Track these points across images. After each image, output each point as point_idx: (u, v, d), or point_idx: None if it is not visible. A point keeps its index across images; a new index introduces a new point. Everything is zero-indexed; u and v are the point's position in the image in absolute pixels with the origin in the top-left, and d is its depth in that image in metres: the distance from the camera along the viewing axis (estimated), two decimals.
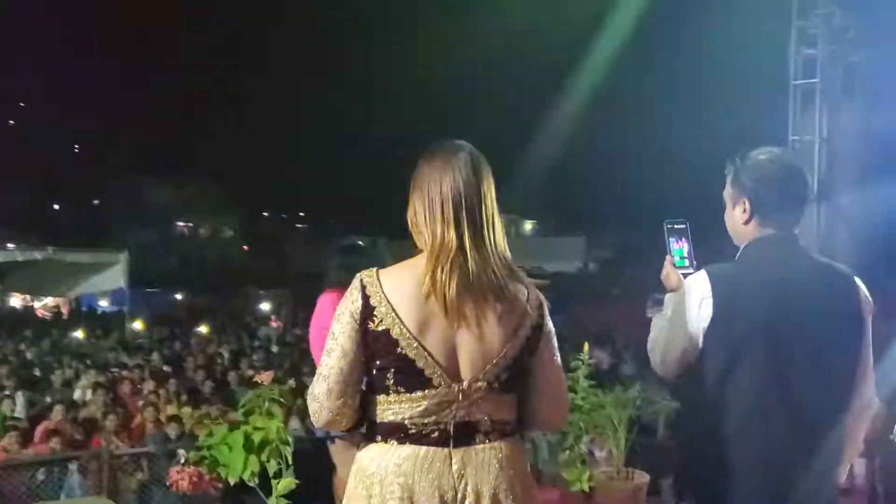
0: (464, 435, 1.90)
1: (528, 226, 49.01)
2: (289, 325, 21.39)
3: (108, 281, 15.83)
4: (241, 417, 3.95)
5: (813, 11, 9.04)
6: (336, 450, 4.27)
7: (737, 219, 2.33)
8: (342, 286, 4.35)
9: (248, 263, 42.92)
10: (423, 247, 1.96)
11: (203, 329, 18.35)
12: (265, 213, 59.55)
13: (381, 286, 1.91)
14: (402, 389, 1.89)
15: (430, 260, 1.90)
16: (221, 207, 50.90)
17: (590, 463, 4.90)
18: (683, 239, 2.44)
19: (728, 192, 2.38)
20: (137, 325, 18.01)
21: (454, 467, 1.88)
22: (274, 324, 21.86)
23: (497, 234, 1.95)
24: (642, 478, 4.64)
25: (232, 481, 3.81)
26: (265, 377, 4.03)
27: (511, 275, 1.95)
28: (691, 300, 2.22)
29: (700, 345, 2.23)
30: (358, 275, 1.97)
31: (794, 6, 9.05)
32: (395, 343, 1.87)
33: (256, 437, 3.86)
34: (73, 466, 7.33)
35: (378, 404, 1.93)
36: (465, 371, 1.90)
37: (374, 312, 1.89)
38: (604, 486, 4.63)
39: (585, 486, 4.78)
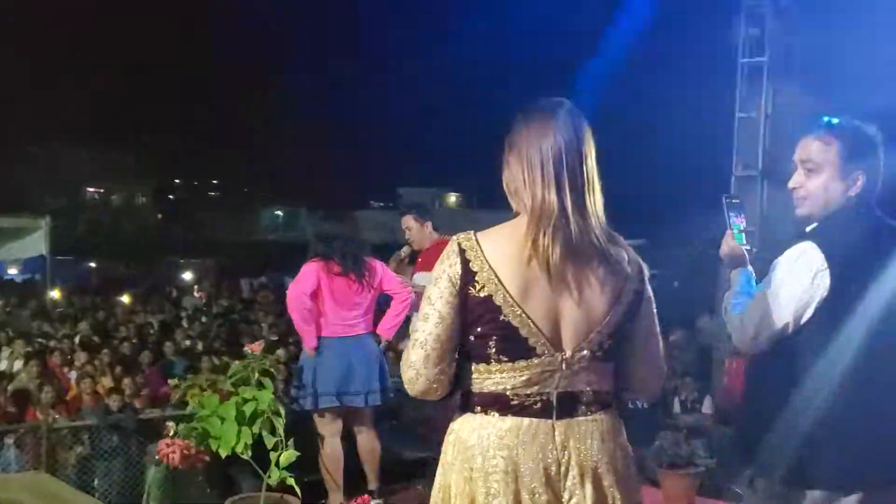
0: (566, 406, 1.85)
1: (452, 198, 49.09)
2: (213, 295, 20.83)
3: (27, 248, 14.98)
4: (230, 387, 3.80)
5: None
6: (323, 422, 4.17)
7: (839, 190, 2.28)
8: (322, 257, 4.20)
9: (163, 232, 41.61)
10: (521, 210, 1.88)
11: (125, 299, 17.66)
12: (177, 181, 57.67)
13: (481, 250, 1.82)
14: (505, 358, 1.82)
15: (531, 223, 1.82)
16: (133, 175, 49.06)
17: None
18: (742, 214, 2.42)
19: (832, 161, 2.31)
20: (55, 293, 17.19)
21: (557, 439, 1.82)
22: (197, 294, 21.24)
23: (597, 197, 1.87)
24: None
25: (224, 454, 3.66)
26: (256, 347, 3.88)
27: (611, 238, 1.88)
28: (802, 273, 2.18)
29: (805, 319, 2.19)
30: (454, 238, 1.87)
31: None
32: (499, 310, 1.79)
33: (248, 409, 3.71)
34: (9, 440, 6.97)
35: (477, 373, 1.85)
36: (568, 339, 1.83)
37: (476, 278, 1.81)
38: None
39: None
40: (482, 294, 1.80)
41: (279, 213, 49.65)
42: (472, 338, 1.84)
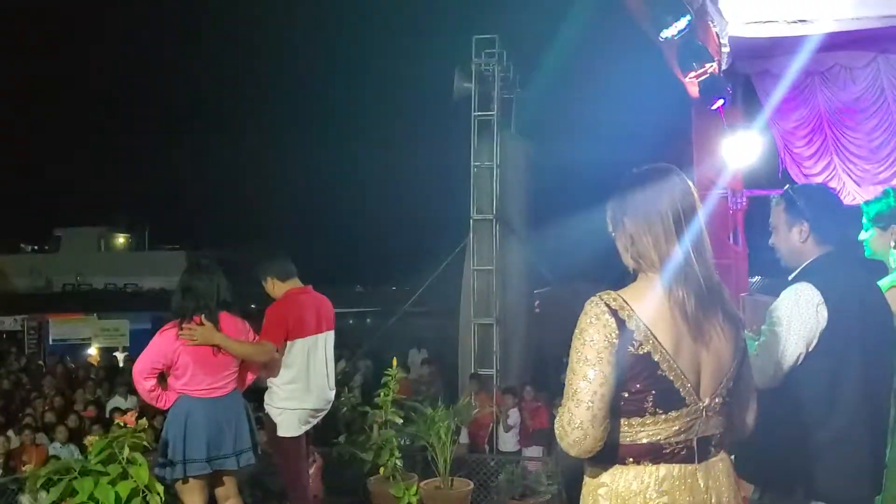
0: (703, 450, 1.98)
1: (122, 239, 45.60)
2: None
3: None
4: (99, 467, 3.36)
5: (486, 51, 10.23)
6: (189, 493, 3.84)
7: (794, 239, 2.73)
8: (181, 316, 3.90)
9: None
10: (647, 269, 1.98)
11: None
12: None
13: (631, 309, 1.91)
14: (660, 411, 1.92)
15: (664, 278, 1.94)
16: None
17: (405, 477, 5.03)
18: None
19: (782, 218, 2.77)
20: None
21: (700, 483, 1.96)
22: None
23: (708, 244, 1.99)
24: (466, 485, 4.92)
25: None
26: (129, 418, 3.47)
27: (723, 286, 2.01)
28: (805, 308, 2.54)
29: (811, 348, 2.55)
30: (597, 297, 1.94)
31: (472, 46, 10.16)
32: (657, 366, 1.89)
33: (123, 490, 3.33)
34: None
35: (629, 427, 1.94)
36: (706, 387, 1.96)
37: (634, 336, 1.88)
38: (432, 497, 4.81)
39: (414, 501, 4.91)
40: (640, 352, 1.88)
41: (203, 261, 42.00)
42: (625, 394, 1.91)
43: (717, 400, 1.97)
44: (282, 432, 4.53)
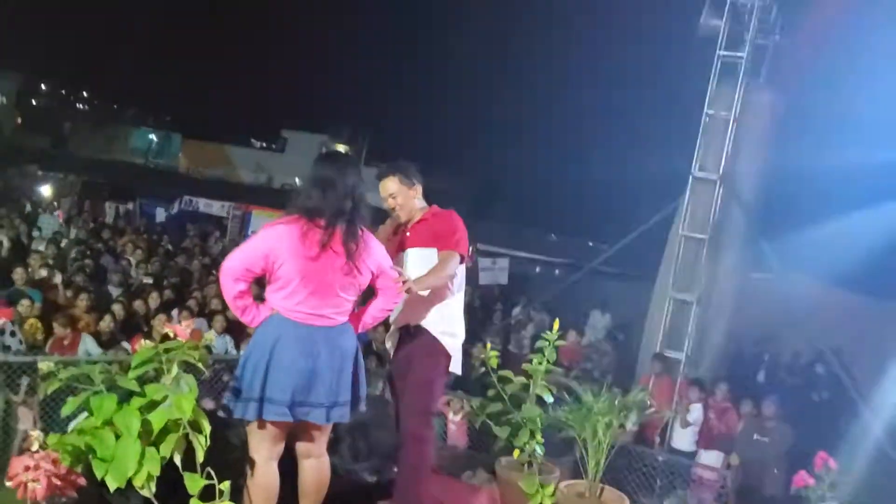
0: None
1: (341, 150, 47.27)
2: (73, 216, 18.60)
3: None
4: (133, 385, 2.57)
5: None
6: (262, 439, 2.96)
7: None
8: (305, 213, 2.98)
9: (22, 139, 37.62)
10: None
11: None
12: (43, 86, 52.61)
13: None
14: None
15: None
16: None
17: (544, 469, 3.95)
18: None
19: None
20: None
21: None
22: (56, 213, 18.89)
23: None
24: (620, 501, 3.76)
25: (113, 486, 2.45)
26: (181, 330, 2.64)
27: None
28: None
29: None
30: None
31: None
32: None
33: (157, 421, 2.51)
34: None
35: None
36: None
37: None
38: None
39: (547, 503, 3.83)
40: None
41: (152, 135, 46.13)
42: None
43: None
44: (454, 367, 3.57)
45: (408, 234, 3.58)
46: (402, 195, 3.56)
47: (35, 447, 2.40)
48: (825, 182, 9.22)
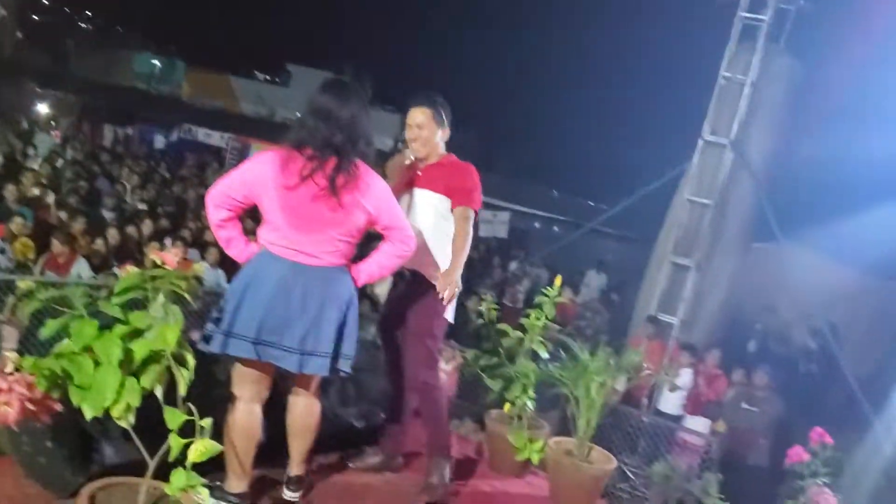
0: None
1: None
2: (71, 137, 18.33)
3: None
4: (116, 311, 2.45)
5: None
6: (243, 376, 2.85)
7: None
8: (293, 143, 2.82)
9: (21, 53, 36.92)
10: None
11: None
12: (46, 1, 51.51)
13: None
14: None
15: None
16: None
17: (533, 424, 3.88)
18: None
19: None
20: None
21: None
22: (53, 133, 18.61)
23: None
24: (607, 462, 3.69)
25: (90, 415, 2.35)
26: (170, 258, 2.51)
27: None
28: None
29: None
30: None
31: None
32: None
33: (139, 350, 2.40)
34: None
35: None
36: None
37: None
38: (558, 464, 3.63)
39: (535, 459, 3.76)
40: None
41: (156, 61, 45.37)
42: None
43: None
44: (448, 315, 3.43)
45: (419, 172, 3.43)
46: (428, 129, 3.38)
47: (10, 369, 2.30)
48: (839, 156, 9.02)
